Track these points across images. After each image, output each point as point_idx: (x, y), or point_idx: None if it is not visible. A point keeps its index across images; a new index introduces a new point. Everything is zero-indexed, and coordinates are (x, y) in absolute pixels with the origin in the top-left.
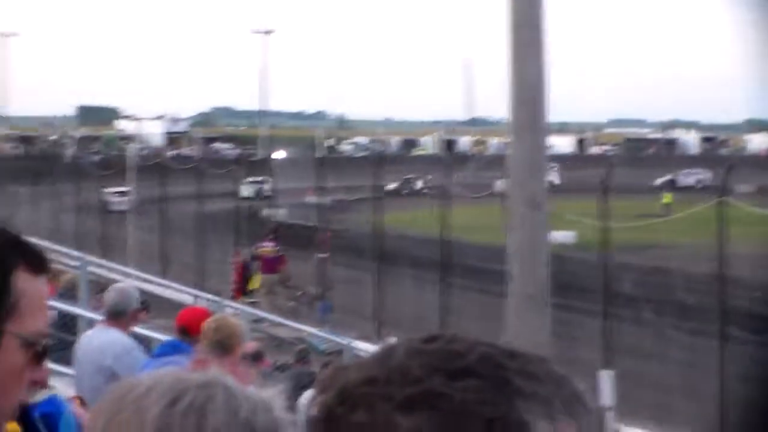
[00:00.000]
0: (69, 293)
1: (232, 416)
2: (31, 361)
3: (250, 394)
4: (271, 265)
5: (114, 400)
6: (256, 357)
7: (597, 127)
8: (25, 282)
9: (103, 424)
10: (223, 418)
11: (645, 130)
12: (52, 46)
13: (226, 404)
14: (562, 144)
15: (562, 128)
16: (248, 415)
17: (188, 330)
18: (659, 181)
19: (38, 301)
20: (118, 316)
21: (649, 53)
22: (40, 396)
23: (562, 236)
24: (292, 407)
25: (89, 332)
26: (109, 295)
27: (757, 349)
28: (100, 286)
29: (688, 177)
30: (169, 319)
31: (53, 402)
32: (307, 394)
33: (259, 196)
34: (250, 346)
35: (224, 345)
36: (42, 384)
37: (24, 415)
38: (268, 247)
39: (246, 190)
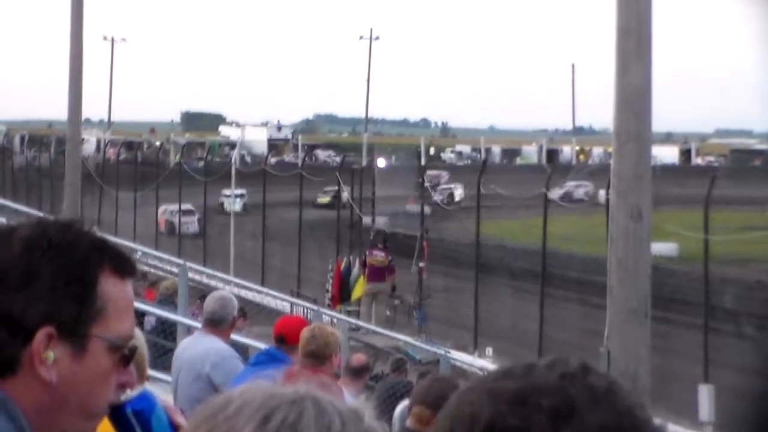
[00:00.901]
0: (168, 299)
1: (323, 429)
2: (118, 364)
3: (340, 407)
4: (379, 273)
5: (206, 418)
6: (359, 371)
7: (702, 138)
8: (111, 286)
9: None
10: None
11: (751, 141)
12: (158, 52)
13: (317, 420)
14: (666, 154)
15: (667, 138)
16: (340, 429)
17: (286, 338)
18: None
19: (124, 304)
20: (217, 324)
21: (757, 62)
22: (132, 393)
23: (663, 248)
24: (385, 417)
25: (188, 339)
26: (209, 303)
27: None
28: (199, 292)
29: None
30: (267, 326)
31: (145, 398)
32: (403, 405)
33: (336, 204)
34: (356, 358)
35: (319, 354)
36: (129, 386)
37: (116, 413)
38: (379, 256)
39: (323, 199)
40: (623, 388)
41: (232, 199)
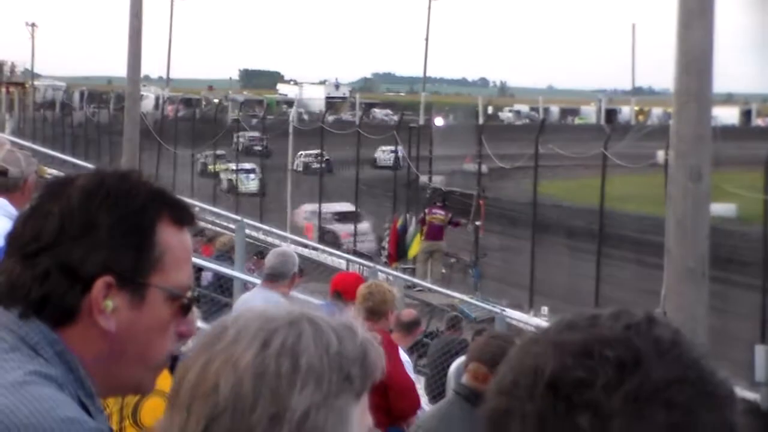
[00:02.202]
0: (225, 255)
1: (324, 351)
2: (177, 313)
3: (334, 324)
4: (438, 232)
5: (204, 347)
6: (411, 325)
7: (764, 98)
8: (169, 235)
9: (195, 376)
10: (316, 354)
11: None
12: (217, 9)
13: (316, 340)
14: (726, 115)
15: (728, 99)
16: (338, 347)
17: (342, 294)
18: None
19: (183, 253)
20: (277, 279)
21: None
22: (191, 344)
23: (722, 209)
24: (440, 374)
25: (247, 293)
26: (270, 258)
27: None
28: (256, 248)
29: None
30: (324, 283)
31: None
32: (458, 362)
33: (396, 165)
34: (407, 313)
35: (376, 311)
36: (189, 336)
37: (176, 364)
38: (438, 215)
39: (383, 157)
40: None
41: (245, 176)
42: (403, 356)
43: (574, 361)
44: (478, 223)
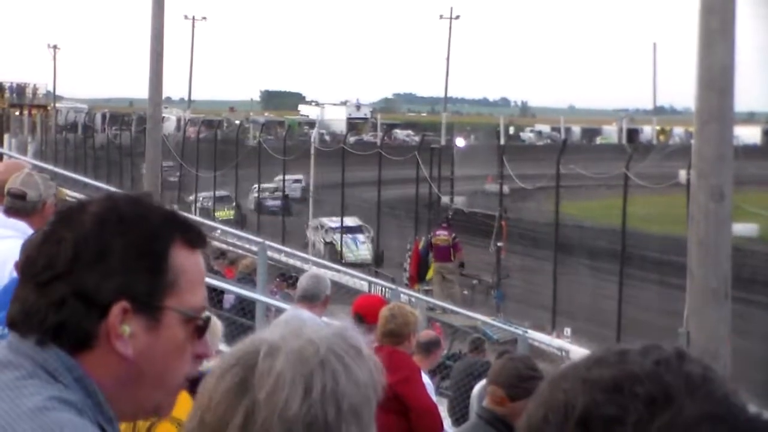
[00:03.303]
0: (247, 278)
1: (356, 388)
2: (193, 335)
3: (349, 351)
4: (444, 253)
5: (239, 390)
6: (430, 346)
7: None
8: (182, 258)
9: (240, 427)
10: (353, 393)
11: None
12: (238, 31)
13: (349, 378)
14: (748, 134)
15: (749, 118)
16: (363, 378)
17: (364, 318)
18: None
19: (197, 276)
20: (311, 301)
21: None
22: (209, 365)
23: (744, 229)
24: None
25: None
26: (303, 280)
27: None
28: (278, 270)
29: None
30: (346, 305)
31: None
32: (480, 384)
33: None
34: (425, 334)
35: (398, 333)
36: (205, 357)
37: (195, 385)
38: (441, 236)
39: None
40: (719, 375)
41: (290, 183)
42: (425, 378)
43: (605, 397)
44: (500, 244)
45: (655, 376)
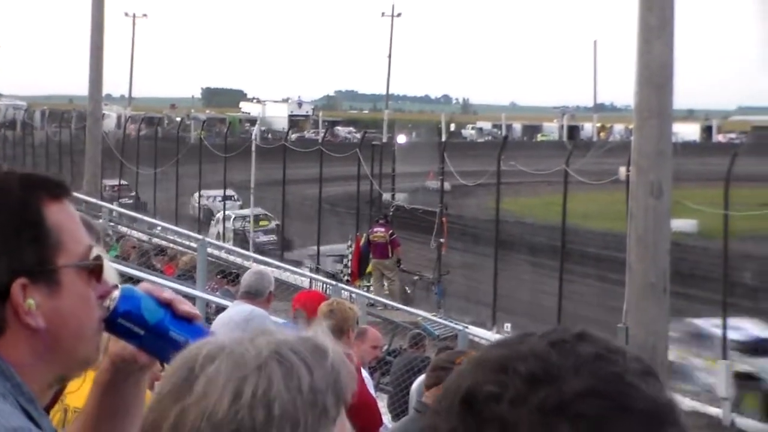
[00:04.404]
0: (187, 275)
1: (296, 392)
2: (91, 280)
3: (305, 352)
4: (382, 250)
5: (173, 395)
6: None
7: (724, 115)
8: (55, 214)
9: (171, 425)
10: (288, 397)
11: None
12: (179, 28)
13: (287, 381)
14: (687, 132)
15: (688, 115)
16: (310, 382)
17: (304, 313)
18: None
19: (73, 224)
20: (254, 297)
21: None
22: (114, 299)
23: (683, 225)
24: (403, 391)
25: (227, 310)
26: (247, 276)
27: None
28: (218, 267)
29: None
30: (286, 302)
31: (126, 297)
32: (420, 379)
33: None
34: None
35: (337, 329)
36: (108, 294)
37: (109, 325)
38: (379, 233)
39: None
40: (622, 356)
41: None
42: (364, 374)
43: (488, 376)
44: (441, 240)
45: (540, 355)
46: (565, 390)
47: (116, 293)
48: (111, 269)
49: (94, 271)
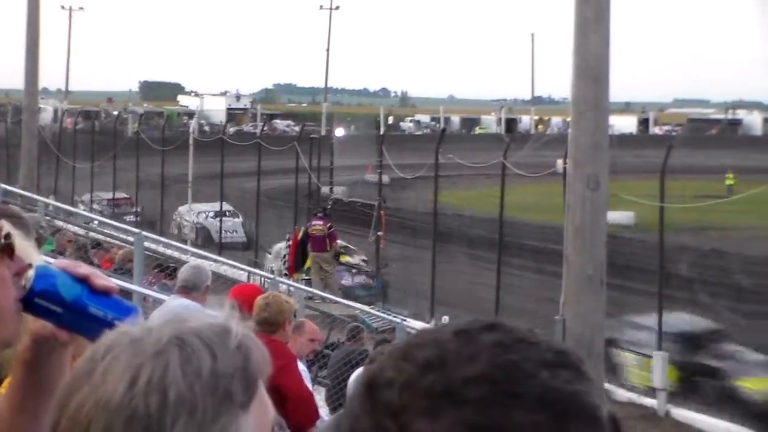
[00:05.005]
0: (124, 269)
1: (194, 377)
2: (3, 259)
3: (208, 337)
4: (320, 243)
5: (75, 383)
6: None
7: (660, 107)
8: None
9: (69, 420)
10: (185, 383)
11: (708, 110)
12: (117, 21)
13: (184, 367)
14: (623, 124)
15: (625, 108)
16: (211, 367)
17: (240, 306)
18: None
19: None
20: (190, 291)
21: (715, 31)
22: (29, 278)
23: (620, 217)
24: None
25: (163, 304)
26: (184, 271)
27: None
28: (155, 261)
29: None
30: (224, 296)
31: (42, 275)
32: (357, 372)
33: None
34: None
35: (272, 322)
36: (24, 271)
37: (27, 304)
38: (317, 226)
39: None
40: (530, 346)
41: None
42: (301, 366)
43: (390, 363)
44: (379, 233)
45: (440, 343)
46: (454, 376)
47: (31, 272)
48: (29, 249)
49: (5, 250)
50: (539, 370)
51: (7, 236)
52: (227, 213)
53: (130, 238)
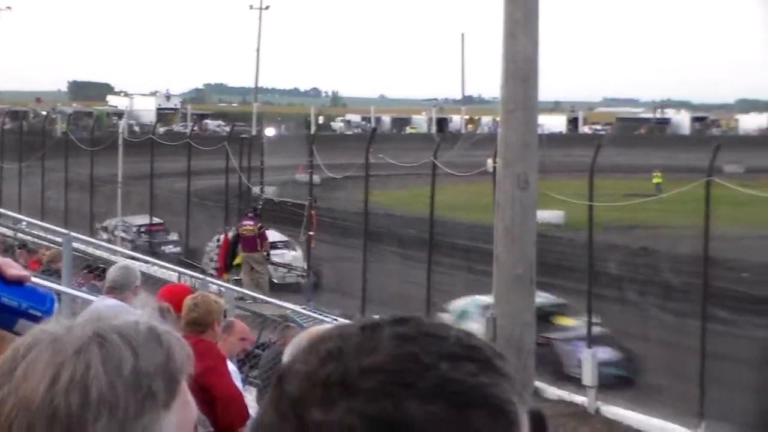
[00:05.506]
0: (52, 269)
1: (115, 375)
2: None
3: (131, 335)
4: (251, 243)
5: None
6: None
7: (590, 106)
8: None
9: None
10: (106, 381)
11: (637, 110)
12: (45, 20)
13: (106, 365)
14: (553, 123)
15: (555, 107)
16: (133, 364)
17: (170, 307)
18: None
19: None
20: (120, 291)
21: (643, 32)
22: None
23: (550, 216)
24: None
25: (92, 305)
26: (112, 271)
27: (741, 330)
28: (86, 262)
29: None
30: (154, 296)
31: None
32: None
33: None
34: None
35: (201, 322)
36: None
37: None
38: (248, 226)
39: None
40: (437, 339)
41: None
42: (231, 366)
43: (300, 356)
44: (310, 233)
45: (344, 336)
46: (350, 367)
47: None
48: None
49: None
50: (439, 362)
51: None
52: (160, 230)
53: (59, 239)
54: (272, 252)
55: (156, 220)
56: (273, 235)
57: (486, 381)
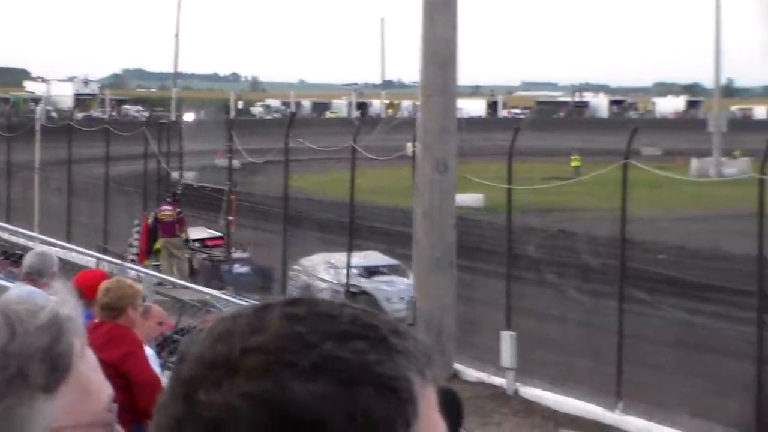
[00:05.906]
0: None
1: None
2: None
3: (13, 316)
4: (170, 228)
5: None
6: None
7: (509, 91)
8: None
9: None
10: None
11: (556, 93)
12: None
13: None
14: (473, 107)
15: (474, 92)
16: (5, 345)
17: (84, 293)
18: None
19: None
20: (37, 277)
21: (561, 16)
22: None
23: (470, 199)
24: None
25: (7, 291)
26: (29, 257)
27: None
28: (1, 248)
29: None
30: (70, 282)
31: None
32: None
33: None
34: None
35: (114, 306)
36: None
37: None
38: (167, 211)
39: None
40: (328, 319)
41: None
42: (148, 351)
43: (198, 338)
44: (230, 218)
45: (236, 317)
46: (235, 347)
47: None
48: None
49: None
50: (324, 341)
51: None
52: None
53: None
54: (376, 279)
55: (213, 233)
56: (377, 258)
57: (374, 358)
